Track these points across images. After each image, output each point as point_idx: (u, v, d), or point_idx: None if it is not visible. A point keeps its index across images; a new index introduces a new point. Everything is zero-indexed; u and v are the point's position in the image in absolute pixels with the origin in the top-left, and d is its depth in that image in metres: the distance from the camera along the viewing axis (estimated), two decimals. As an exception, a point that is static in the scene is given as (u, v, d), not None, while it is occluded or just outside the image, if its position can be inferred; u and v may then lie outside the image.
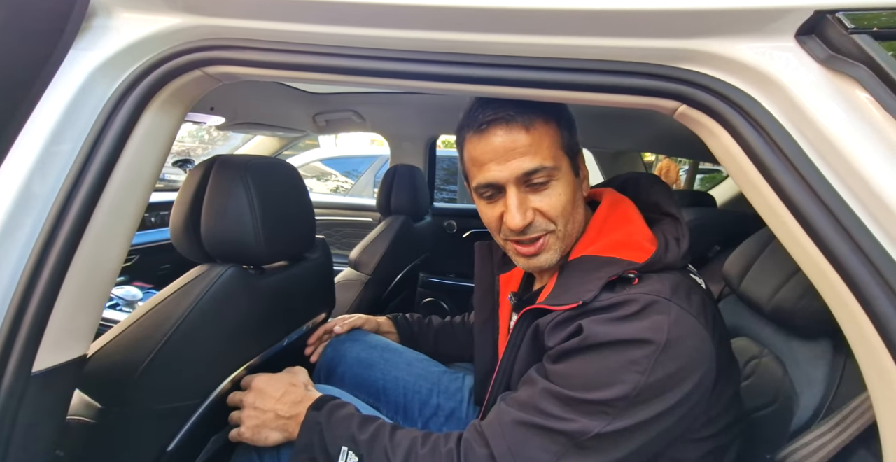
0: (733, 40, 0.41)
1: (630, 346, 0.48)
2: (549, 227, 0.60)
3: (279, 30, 0.54)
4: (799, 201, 0.38)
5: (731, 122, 0.42)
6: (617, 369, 0.48)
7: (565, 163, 0.61)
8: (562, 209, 0.59)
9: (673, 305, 0.50)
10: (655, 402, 0.48)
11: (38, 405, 0.49)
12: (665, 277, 0.53)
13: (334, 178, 3.79)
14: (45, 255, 0.49)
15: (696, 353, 0.50)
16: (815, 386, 0.56)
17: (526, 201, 0.59)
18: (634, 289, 0.52)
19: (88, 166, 0.52)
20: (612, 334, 0.49)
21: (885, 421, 0.37)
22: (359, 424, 0.60)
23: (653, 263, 0.54)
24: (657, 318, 0.49)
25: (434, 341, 1.03)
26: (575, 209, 0.62)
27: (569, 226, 0.61)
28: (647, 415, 0.48)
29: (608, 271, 0.54)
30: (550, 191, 0.59)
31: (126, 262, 1.77)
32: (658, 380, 0.48)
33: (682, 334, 0.49)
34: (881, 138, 0.35)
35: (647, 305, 0.49)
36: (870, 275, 0.35)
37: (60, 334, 0.52)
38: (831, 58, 0.37)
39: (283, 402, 0.67)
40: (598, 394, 0.48)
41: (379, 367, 0.92)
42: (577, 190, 0.63)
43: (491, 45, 0.48)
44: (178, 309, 0.66)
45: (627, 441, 0.49)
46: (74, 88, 0.52)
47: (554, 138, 0.59)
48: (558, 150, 0.60)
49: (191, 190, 0.76)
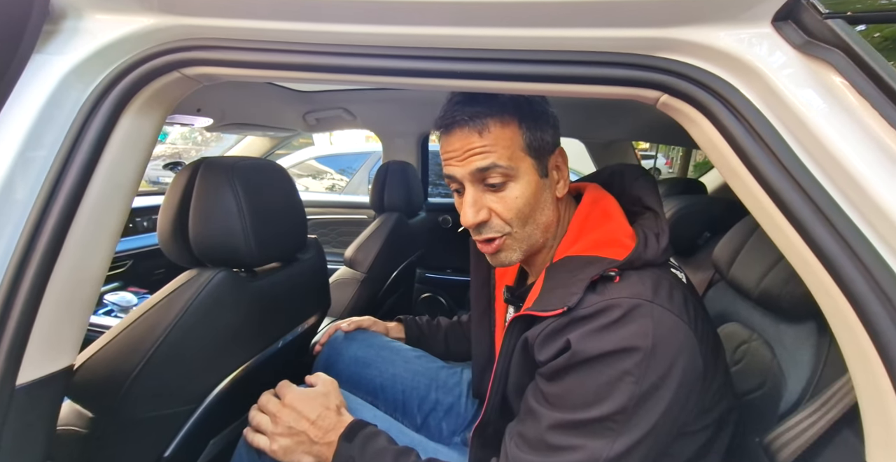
0: (711, 28, 0.40)
1: (619, 356, 0.49)
2: (504, 230, 0.61)
3: (256, 28, 0.53)
4: (779, 188, 0.38)
5: (712, 110, 0.41)
6: (611, 382, 0.49)
7: (526, 163, 0.60)
8: (517, 211, 0.59)
9: (655, 307, 0.50)
10: (653, 408, 0.49)
11: (24, 417, 0.49)
12: (646, 276, 0.54)
13: (329, 176, 3.77)
14: (24, 265, 0.48)
15: (682, 350, 0.50)
16: (801, 368, 0.57)
17: (481, 200, 0.60)
18: (616, 290, 0.52)
19: (66, 172, 0.52)
20: (600, 347, 0.49)
21: (865, 402, 0.38)
22: (395, 458, 0.60)
23: (632, 260, 0.54)
24: (641, 322, 0.49)
25: (444, 342, 1.04)
26: (538, 212, 0.61)
27: (528, 228, 0.61)
28: (648, 423, 0.49)
29: (590, 271, 0.54)
30: (506, 192, 0.59)
31: (119, 268, 1.77)
32: (651, 385, 0.48)
33: (667, 334, 0.49)
34: (856, 123, 0.35)
35: (629, 310, 0.50)
36: (848, 259, 0.35)
37: (44, 345, 0.51)
38: (807, 43, 0.37)
39: (317, 426, 0.66)
40: (598, 410, 0.49)
41: (376, 365, 0.92)
42: (543, 191, 0.61)
43: (472, 40, 0.48)
44: (168, 316, 0.66)
45: (635, 453, 0.50)
46: (46, 93, 0.51)
47: (513, 139, 0.59)
48: (518, 151, 0.59)
49: (177, 194, 0.75)
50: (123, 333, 0.67)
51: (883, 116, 0.34)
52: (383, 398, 0.91)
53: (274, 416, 0.67)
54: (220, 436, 0.86)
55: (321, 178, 3.78)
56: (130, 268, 1.80)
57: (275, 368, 0.91)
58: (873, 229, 0.35)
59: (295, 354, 1.00)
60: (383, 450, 0.61)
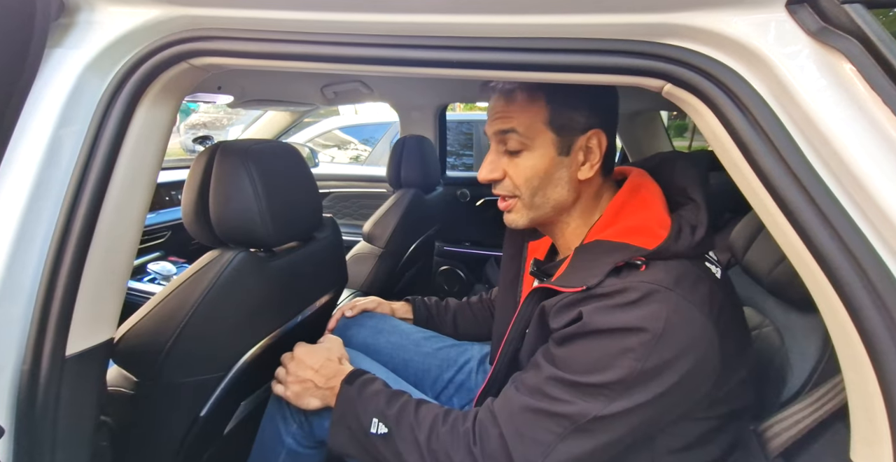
0: (720, 12, 0.38)
1: (626, 333, 0.50)
2: (514, 192, 0.64)
3: (259, 18, 0.53)
4: (780, 186, 0.37)
5: (716, 102, 0.40)
6: (614, 355, 0.50)
7: (546, 138, 0.61)
8: (525, 179, 0.62)
9: (673, 295, 0.50)
10: (651, 387, 0.50)
11: (75, 383, 0.56)
12: (672, 266, 0.53)
13: (353, 146, 3.78)
14: (62, 250, 0.53)
15: (695, 341, 0.50)
16: (806, 360, 0.57)
17: (499, 161, 0.64)
18: (638, 276, 0.53)
19: (91, 164, 0.55)
20: (609, 322, 0.51)
21: (854, 401, 0.38)
22: (387, 400, 0.65)
23: (661, 251, 0.54)
24: (655, 307, 0.50)
25: (453, 324, 1.06)
26: (549, 186, 0.63)
27: (536, 198, 0.64)
28: (643, 398, 0.50)
29: (616, 257, 0.55)
30: (520, 160, 0.63)
31: (159, 239, 1.88)
32: (654, 366, 0.49)
33: (681, 323, 0.50)
34: (867, 120, 0.33)
35: (646, 294, 0.50)
36: (847, 263, 0.34)
37: (87, 320, 0.57)
38: (823, 30, 0.34)
39: (320, 374, 0.73)
40: (597, 377, 0.51)
41: (386, 351, 0.96)
42: (559, 170, 0.62)
43: (473, 27, 0.47)
44: (195, 293, 0.71)
45: (623, 423, 0.52)
46: (68, 89, 0.54)
47: (537, 113, 0.61)
48: (539, 124, 0.61)
49: (197, 177, 0.78)
50: (157, 308, 0.73)
51: (894, 113, 0.32)
52: (395, 383, 0.95)
53: (286, 367, 0.76)
54: (249, 399, 0.94)
55: (346, 148, 3.79)
56: (170, 238, 1.89)
57: (296, 340, 0.97)
58: (877, 233, 0.34)
59: (315, 327, 1.06)
60: (378, 391, 0.67)
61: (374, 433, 0.62)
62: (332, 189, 2.61)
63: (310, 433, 0.78)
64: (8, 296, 0.50)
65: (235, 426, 0.92)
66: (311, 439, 0.79)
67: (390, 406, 0.64)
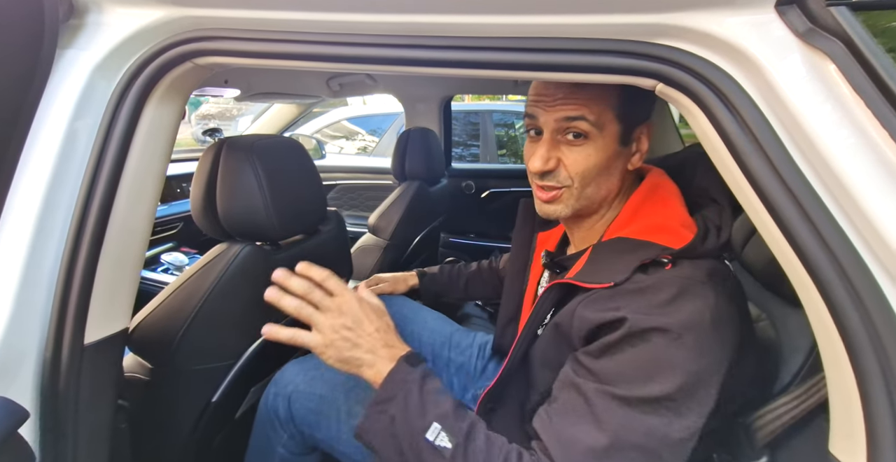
0: (710, 13, 0.38)
1: (675, 333, 0.47)
2: (566, 183, 0.60)
3: (261, 18, 0.54)
4: (767, 187, 0.37)
5: (706, 101, 0.40)
6: (668, 358, 0.47)
7: (612, 127, 0.58)
8: (584, 170, 0.59)
9: (709, 288, 0.49)
10: (709, 388, 0.47)
11: (94, 370, 0.59)
12: (699, 264, 0.52)
13: (361, 137, 3.79)
14: (78, 244, 0.56)
15: (733, 335, 0.50)
16: (798, 354, 0.57)
17: (555, 150, 0.60)
18: (668, 273, 0.51)
19: (103, 160, 0.57)
20: (657, 322, 0.47)
21: (834, 397, 0.39)
22: (455, 409, 0.53)
23: (688, 250, 0.53)
24: (697, 302, 0.48)
25: (465, 290, 1.12)
26: (604, 177, 0.60)
27: (589, 189, 0.60)
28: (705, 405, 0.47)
29: (641, 254, 0.54)
30: (581, 148, 0.58)
31: (172, 230, 1.92)
32: (708, 363, 0.47)
33: (722, 317, 0.49)
34: (850, 122, 0.33)
35: (683, 289, 0.49)
36: (830, 265, 0.35)
37: (103, 310, 0.60)
38: (810, 31, 0.34)
39: (377, 338, 0.57)
40: (655, 388, 0.46)
41: (396, 322, 1.00)
42: (617, 160, 0.60)
43: (469, 27, 0.47)
44: (203, 286, 0.74)
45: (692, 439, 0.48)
46: (79, 89, 0.56)
47: (608, 101, 0.57)
48: (608, 113, 0.57)
49: (204, 173, 0.81)
50: (168, 300, 0.76)
51: (875, 115, 0.32)
52: None
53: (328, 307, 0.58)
54: (258, 385, 0.97)
55: (353, 138, 3.80)
56: (182, 229, 1.93)
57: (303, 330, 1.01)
58: (858, 234, 0.34)
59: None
60: (444, 391, 0.55)
61: (429, 440, 0.50)
62: (339, 181, 2.63)
63: (301, 441, 0.80)
64: (29, 288, 0.53)
65: (246, 411, 0.96)
66: (303, 447, 0.81)
67: (460, 418, 0.52)
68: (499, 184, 2.09)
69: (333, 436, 0.76)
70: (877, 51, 0.31)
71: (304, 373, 0.82)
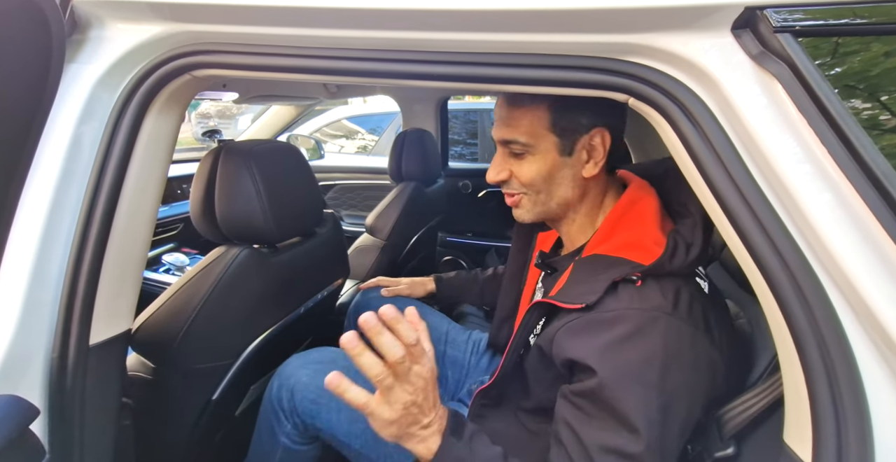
0: (674, 34, 0.41)
1: (639, 369, 0.50)
2: (520, 190, 0.67)
3: (255, 33, 0.57)
4: (725, 195, 0.40)
5: (672, 116, 0.43)
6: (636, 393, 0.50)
7: (549, 141, 0.63)
8: (530, 180, 0.65)
9: (673, 320, 0.52)
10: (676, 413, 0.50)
11: (99, 369, 0.62)
12: (667, 286, 0.54)
13: (361, 135, 3.80)
14: (82, 250, 0.58)
15: (700, 361, 0.52)
16: (767, 351, 0.60)
17: (506, 163, 0.67)
18: (637, 297, 0.54)
19: (105, 170, 0.60)
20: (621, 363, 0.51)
21: (788, 391, 0.42)
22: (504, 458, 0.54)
23: (656, 268, 0.55)
24: (659, 337, 0.51)
25: (480, 295, 1.15)
26: (553, 185, 0.65)
27: (541, 196, 0.66)
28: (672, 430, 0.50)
29: (612, 273, 0.56)
30: (524, 162, 0.65)
31: (173, 230, 1.95)
32: (673, 390, 0.50)
33: (684, 347, 0.51)
34: (795, 138, 0.36)
35: (648, 323, 0.51)
36: (782, 271, 0.38)
37: (106, 312, 0.63)
38: (761, 54, 0.37)
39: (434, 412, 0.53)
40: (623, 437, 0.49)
41: None
42: (562, 170, 0.64)
43: (453, 43, 0.50)
44: (203, 288, 0.77)
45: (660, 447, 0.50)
46: (82, 102, 0.59)
47: (539, 119, 0.62)
48: (541, 130, 0.62)
49: (203, 178, 0.83)
50: (169, 301, 0.79)
51: (816, 133, 0.35)
52: None
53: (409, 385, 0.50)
54: (257, 383, 1.01)
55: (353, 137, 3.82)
56: (182, 230, 1.96)
57: (299, 329, 1.04)
58: (806, 241, 0.37)
59: (318, 317, 1.12)
60: (489, 447, 0.55)
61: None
62: (337, 181, 2.65)
63: (304, 431, 0.83)
64: (36, 292, 0.56)
65: (245, 408, 0.99)
66: (305, 436, 0.84)
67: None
68: (495, 184, 2.11)
69: (334, 426, 0.79)
70: (816, 75, 0.34)
71: (306, 366, 0.85)
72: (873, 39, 0.35)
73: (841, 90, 0.34)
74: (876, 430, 0.35)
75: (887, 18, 0.33)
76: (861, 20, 0.34)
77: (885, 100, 0.35)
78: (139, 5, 0.57)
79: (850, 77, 0.36)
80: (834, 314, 0.36)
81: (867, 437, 0.35)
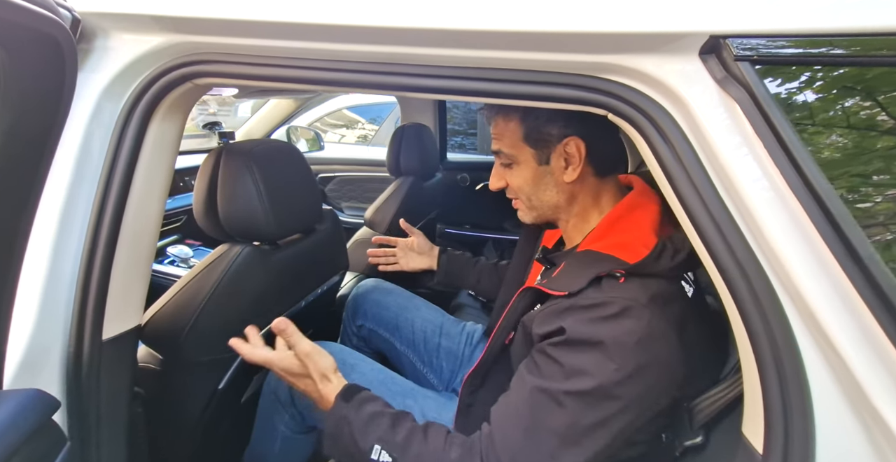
0: (649, 57, 0.43)
1: (603, 344, 0.54)
2: (517, 195, 0.74)
3: (253, 45, 0.59)
4: (692, 207, 0.43)
5: (646, 132, 0.46)
6: (592, 363, 0.54)
7: (525, 152, 0.68)
8: (518, 187, 0.72)
9: (647, 311, 0.55)
10: (625, 393, 0.54)
11: (112, 362, 0.66)
12: (649, 284, 0.57)
13: (361, 125, 3.80)
14: (94, 251, 0.62)
15: (662, 355, 0.55)
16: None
17: (500, 172, 0.74)
18: (616, 291, 0.57)
19: (113, 177, 0.63)
20: (589, 333, 0.55)
21: (746, 386, 0.46)
22: (391, 424, 0.62)
23: (640, 267, 0.58)
24: (631, 322, 0.54)
25: (476, 281, 1.18)
26: (539, 191, 0.71)
27: (532, 201, 0.73)
28: (619, 405, 0.54)
29: (598, 267, 0.60)
30: (512, 171, 0.72)
31: (176, 223, 1.98)
32: (627, 375, 0.53)
33: (652, 338, 0.54)
34: (752, 157, 0.39)
35: (623, 309, 0.55)
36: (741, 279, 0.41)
37: (117, 310, 0.67)
38: (725, 78, 0.39)
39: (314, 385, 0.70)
40: (576, 384, 0.54)
41: (392, 309, 1.13)
42: (542, 177, 0.69)
43: (442, 58, 0.53)
44: (207, 284, 0.80)
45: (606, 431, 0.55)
46: (90, 110, 0.61)
47: (514, 132, 0.68)
48: (518, 142, 0.68)
49: (206, 178, 0.86)
50: (176, 297, 0.83)
51: (770, 155, 0.38)
52: (399, 336, 1.10)
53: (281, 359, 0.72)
54: (259, 374, 1.05)
55: (353, 127, 3.82)
56: (186, 222, 1.99)
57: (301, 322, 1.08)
58: (760, 249, 0.41)
59: (319, 310, 1.17)
60: (379, 414, 0.64)
61: (374, 460, 0.60)
62: (338, 173, 2.67)
63: (301, 422, 0.88)
64: (52, 292, 0.59)
65: (249, 397, 1.04)
66: (303, 426, 0.89)
67: (395, 432, 0.62)
68: (492, 177, 2.13)
69: None
70: (769, 100, 0.37)
71: None
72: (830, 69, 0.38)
73: (793, 115, 0.37)
74: (818, 423, 0.39)
75: (836, 50, 0.36)
76: (813, 50, 0.36)
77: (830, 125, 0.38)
78: (142, 17, 0.59)
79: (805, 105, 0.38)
80: (785, 319, 0.40)
81: (810, 430, 0.39)
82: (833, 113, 0.37)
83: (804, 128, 0.37)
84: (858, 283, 0.35)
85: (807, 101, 0.38)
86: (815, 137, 0.37)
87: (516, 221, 0.89)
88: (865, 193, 0.37)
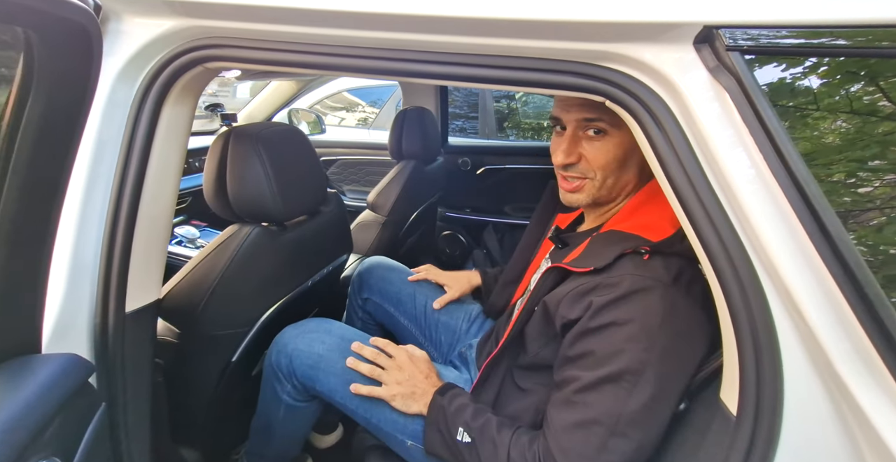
0: (645, 45, 0.45)
1: (629, 324, 0.55)
2: (587, 174, 0.68)
3: (262, 30, 0.61)
4: (682, 192, 0.46)
5: (641, 119, 0.48)
6: (621, 342, 0.55)
7: None
8: (604, 163, 0.66)
9: (670, 290, 0.56)
10: (660, 374, 0.54)
11: (134, 334, 0.70)
12: (672, 263, 0.58)
13: (361, 108, 3.78)
14: (115, 230, 0.65)
15: (691, 332, 0.56)
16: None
17: (577, 145, 0.67)
18: (642, 268, 0.58)
19: (130, 159, 0.66)
20: (616, 315, 0.56)
21: (725, 358, 0.49)
22: (472, 414, 0.72)
23: (664, 246, 0.59)
24: (655, 301, 0.55)
25: None
26: (623, 169, 0.67)
27: (609, 180, 0.68)
28: (656, 387, 0.54)
29: (624, 245, 0.61)
30: (601, 144, 0.65)
31: (182, 204, 2.01)
32: (659, 355, 0.54)
33: (677, 316, 0.55)
34: (740, 144, 0.42)
35: (647, 288, 0.56)
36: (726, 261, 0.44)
37: (138, 284, 0.70)
38: (717, 67, 0.42)
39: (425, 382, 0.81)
40: (610, 367, 0.55)
41: (396, 284, 1.17)
42: (634, 154, 0.65)
43: (447, 45, 0.54)
44: (220, 262, 0.84)
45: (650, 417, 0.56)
46: (105, 94, 0.64)
47: None
48: None
49: (215, 160, 0.89)
50: (190, 274, 0.87)
51: (755, 142, 0.40)
52: (402, 310, 1.15)
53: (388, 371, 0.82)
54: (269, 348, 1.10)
55: (354, 110, 3.80)
56: (191, 203, 2.01)
57: (307, 301, 1.12)
58: (744, 233, 0.44)
59: (325, 289, 1.21)
60: (465, 405, 0.74)
61: (460, 440, 0.71)
62: (339, 156, 2.68)
63: (303, 390, 0.92)
64: (78, 266, 0.63)
65: (260, 369, 1.09)
66: (305, 394, 0.93)
67: (475, 420, 0.71)
68: (494, 160, 2.15)
69: (332, 388, 0.88)
70: (757, 90, 0.39)
71: (301, 336, 0.93)
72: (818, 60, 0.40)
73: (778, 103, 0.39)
74: (787, 388, 0.43)
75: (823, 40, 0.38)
76: (801, 41, 0.38)
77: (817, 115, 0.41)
78: (154, 1, 0.61)
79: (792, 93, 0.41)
80: (763, 294, 0.43)
81: (779, 395, 0.43)
82: (818, 103, 0.40)
83: (789, 116, 0.39)
84: (829, 261, 0.38)
85: (793, 91, 0.40)
86: (800, 126, 0.40)
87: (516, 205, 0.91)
88: (840, 179, 0.40)
